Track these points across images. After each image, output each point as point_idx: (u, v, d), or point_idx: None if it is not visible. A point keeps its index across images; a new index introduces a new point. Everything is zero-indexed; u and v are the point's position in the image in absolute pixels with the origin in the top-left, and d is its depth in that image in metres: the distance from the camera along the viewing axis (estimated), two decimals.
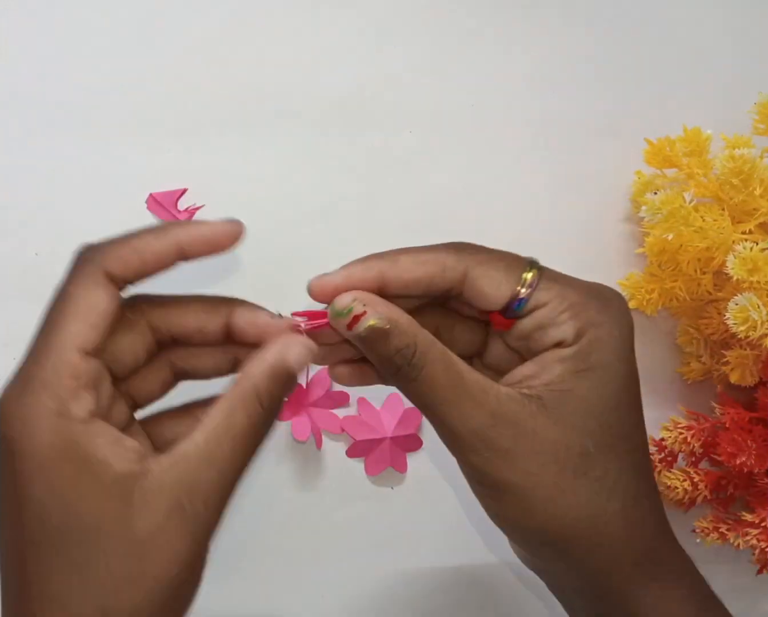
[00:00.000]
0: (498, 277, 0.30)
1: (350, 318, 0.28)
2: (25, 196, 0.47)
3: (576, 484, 0.29)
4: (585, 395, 0.29)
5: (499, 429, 0.29)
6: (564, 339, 0.29)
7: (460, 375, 0.29)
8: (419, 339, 0.29)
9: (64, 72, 0.48)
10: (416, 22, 0.51)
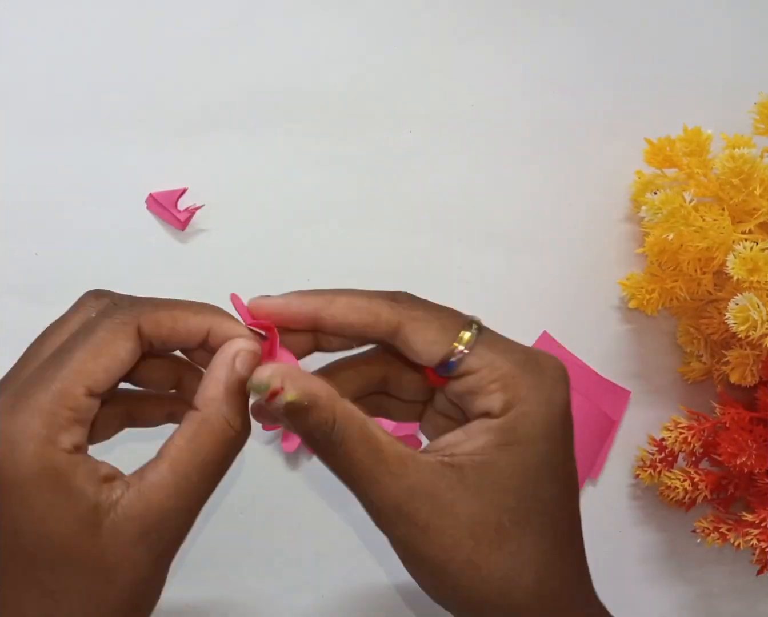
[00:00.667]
0: (431, 336, 0.30)
1: (268, 394, 0.28)
2: (25, 196, 0.47)
3: (490, 559, 0.29)
4: (504, 469, 0.29)
5: (416, 503, 0.28)
6: (491, 410, 0.29)
7: (379, 449, 0.29)
8: (338, 414, 0.28)
9: (64, 72, 0.48)
10: (416, 21, 0.51)
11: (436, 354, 0.30)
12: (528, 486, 0.29)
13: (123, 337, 0.28)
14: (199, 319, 0.29)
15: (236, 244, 0.48)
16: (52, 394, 0.26)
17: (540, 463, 0.29)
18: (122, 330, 0.28)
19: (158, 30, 0.49)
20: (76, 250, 0.47)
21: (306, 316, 0.30)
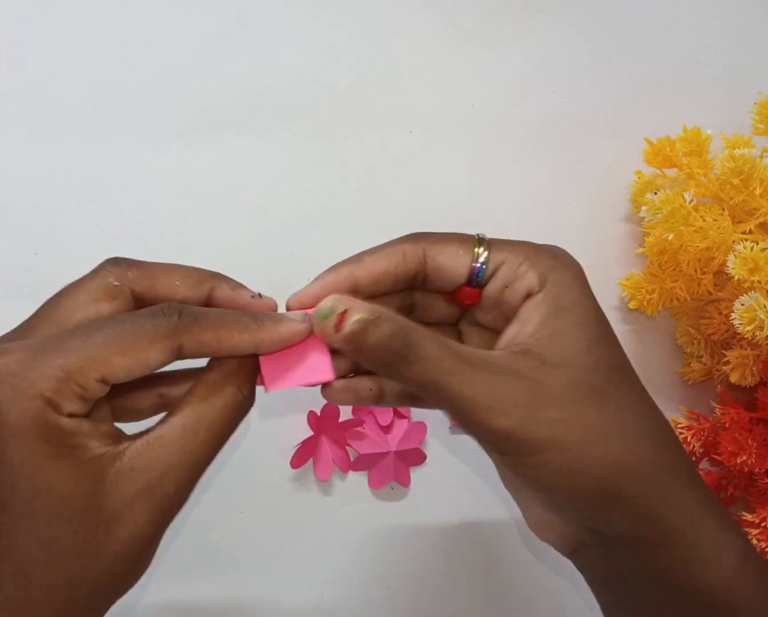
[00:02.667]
0: (454, 249, 0.31)
1: (336, 319, 0.28)
2: (25, 196, 0.47)
3: (600, 419, 0.29)
4: (568, 333, 0.29)
5: (512, 386, 0.28)
6: (531, 287, 0.30)
7: (457, 348, 0.29)
8: (408, 323, 0.29)
9: (64, 73, 0.48)
10: (416, 21, 0.51)
11: (465, 263, 0.31)
12: (597, 344, 0.30)
13: (159, 349, 0.28)
14: (245, 338, 0.29)
15: (236, 244, 0.48)
16: (68, 365, 0.26)
17: (595, 321, 0.30)
18: (161, 343, 0.28)
19: (158, 30, 0.49)
20: (76, 250, 0.47)
21: (343, 286, 0.31)
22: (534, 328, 0.30)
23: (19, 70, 0.48)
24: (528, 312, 0.30)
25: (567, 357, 0.29)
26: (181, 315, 0.28)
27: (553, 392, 0.29)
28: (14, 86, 0.48)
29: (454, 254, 0.31)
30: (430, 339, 0.29)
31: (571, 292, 0.30)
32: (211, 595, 0.46)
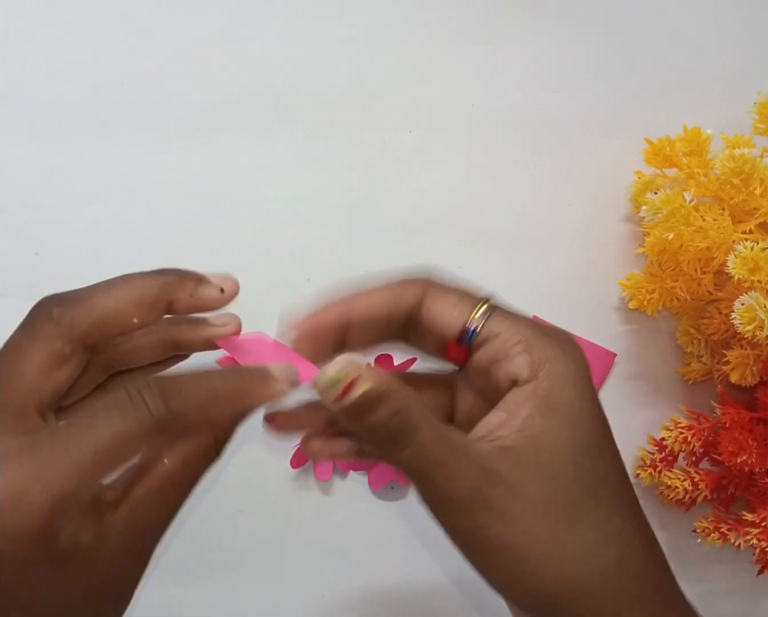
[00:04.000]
0: (452, 302, 0.30)
1: (343, 388, 0.27)
2: (25, 196, 0.47)
3: (570, 536, 0.28)
4: (557, 439, 0.28)
5: (492, 487, 0.28)
6: (518, 374, 0.29)
7: (449, 436, 0.28)
8: (411, 402, 0.28)
9: (64, 72, 0.48)
10: (416, 21, 0.51)
11: (459, 320, 0.30)
12: (585, 455, 0.28)
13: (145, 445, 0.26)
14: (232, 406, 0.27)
15: (236, 244, 0.48)
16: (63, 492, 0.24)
17: (588, 427, 0.29)
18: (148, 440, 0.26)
19: (158, 30, 0.49)
20: (76, 250, 0.47)
21: (335, 328, 0.30)
22: (520, 424, 0.28)
23: (19, 70, 0.48)
24: (515, 402, 0.28)
25: (550, 467, 0.28)
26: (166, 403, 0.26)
27: (531, 503, 0.28)
28: (14, 86, 0.48)
29: (450, 307, 0.30)
30: (427, 425, 0.28)
31: (565, 391, 0.28)
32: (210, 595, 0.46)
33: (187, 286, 0.30)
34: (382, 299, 0.30)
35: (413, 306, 0.30)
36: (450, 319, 0.30)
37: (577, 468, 0.28)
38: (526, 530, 0.28)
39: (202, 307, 0.30)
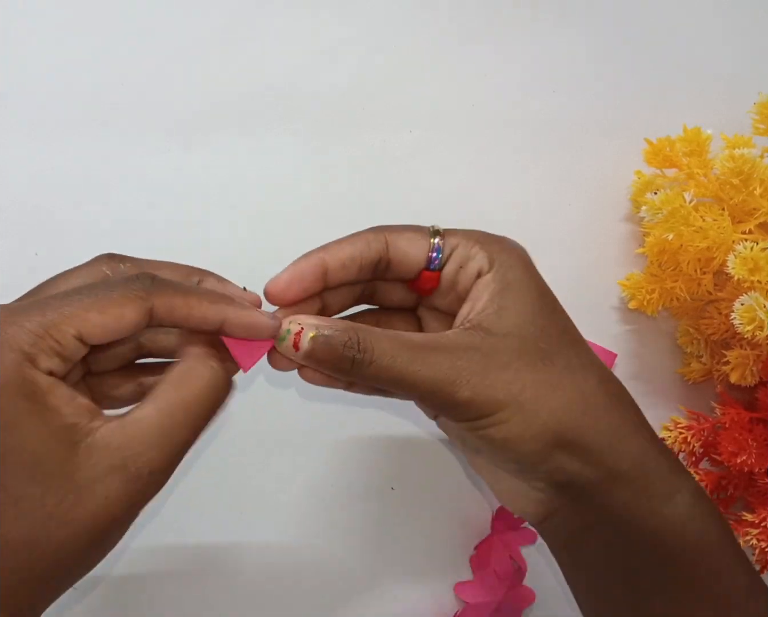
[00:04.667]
0: (412, 236, 0.34)
1: (292, 339, 0.31)
2: (25, 196, 0.47)
3: (550, 377, 0.32)
4: (514, 307, 0.32)
5: (467, 359, 0.31)
6: (481, 267, 0.33)
7: (409, 338, 0.31)
8: (359, 329, 0.31)
9: (64, 72, 0.48)
10: (416, 22, 0.51)
11: (422, 249, 0.34)
12: (541, 315, 0.33)
13: (133, 309, 0.29)
14: (214, 310, 0.30)
15: (236, 244, 0.48)
16: (46, 321, 0.27)
17: (538, 295, 0.33)
18: (134, 303, 0.29)
19: (158, 30, 0.49)
20: (76, 250, 0.47)
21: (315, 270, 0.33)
22: (483, 305, 0.33)
23: (19, 70, 0.48)
24: (478, 291, 0.33)
25: (514, 327, 0.32)
26: (153, 281, 0.29)
27: (505, 358, 0.31)
28: (14, 86, 0.48)
29: (412, 240, 0.34)
30: (383, 337, 0.31)
31: (515, 271, 0.33)
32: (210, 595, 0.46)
33: (217, 277, 0.34)
34: (352, 246, 0.34)
35: (380, 250, 0.34)
36: (416, 250, 0.34)
37: (538, 326, 0.33)
38: (510, 381, 0.31)
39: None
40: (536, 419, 0.31)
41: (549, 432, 0.31)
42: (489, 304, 0.33)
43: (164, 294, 0.29)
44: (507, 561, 0.46)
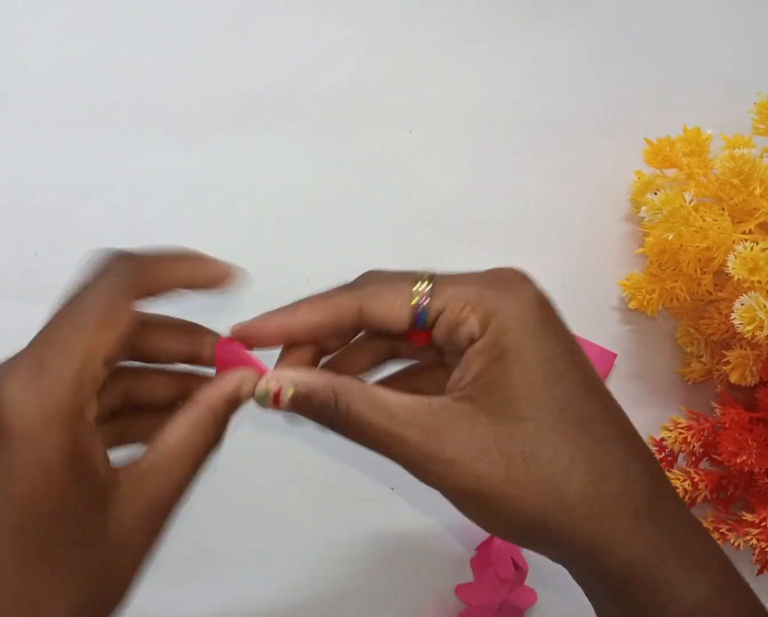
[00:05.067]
0: (391, 301, 0.30)
1: (272, 399, 0.30)
2: (25, 196, 0.47)
3: (530, 473, 0.28)
4: (508, 381, 0.29)
5: (437, 441, 0.29)
6: (472, 335, 0.29)
7: (386, 405, 0.29)
8: (337, 388, 0.29)
9: (64, 72, 0.48)
10: (416, 21, 0.51)
11: (403, 315, 0.30)
12: (538, 390, 0.29)
13: (125, 303, 0.29)
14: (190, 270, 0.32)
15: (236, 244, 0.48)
16: (78, 364, 0.27)
17: (538, 363, 0.29)
18: (123, 297, 0.29)
19: (158, 30, 0.49)
20: (76, 250, 0.47)
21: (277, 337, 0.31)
22: (474, 375, 0.29)
23: (18, 70, 0.48)
24: (470, 358, 0.29)
25: (503, 407, 0.29)
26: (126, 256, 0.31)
27: (484, 446, 0.28)
28: (14, 86, 0.48)
29: (390, 306, 0.30)
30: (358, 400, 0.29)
31: (511, 336, 0.29)
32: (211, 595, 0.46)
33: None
34: (318, 316, 0.31)
35: (353, 318, 0.31)
36: (396, 317, 0.30)
37: (531, 404, 0.28)
38: (481, 476, 0.28)
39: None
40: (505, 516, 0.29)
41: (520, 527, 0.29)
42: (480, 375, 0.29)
43: (144, 269, 0.30)
44: (508, 562, 0.46)
